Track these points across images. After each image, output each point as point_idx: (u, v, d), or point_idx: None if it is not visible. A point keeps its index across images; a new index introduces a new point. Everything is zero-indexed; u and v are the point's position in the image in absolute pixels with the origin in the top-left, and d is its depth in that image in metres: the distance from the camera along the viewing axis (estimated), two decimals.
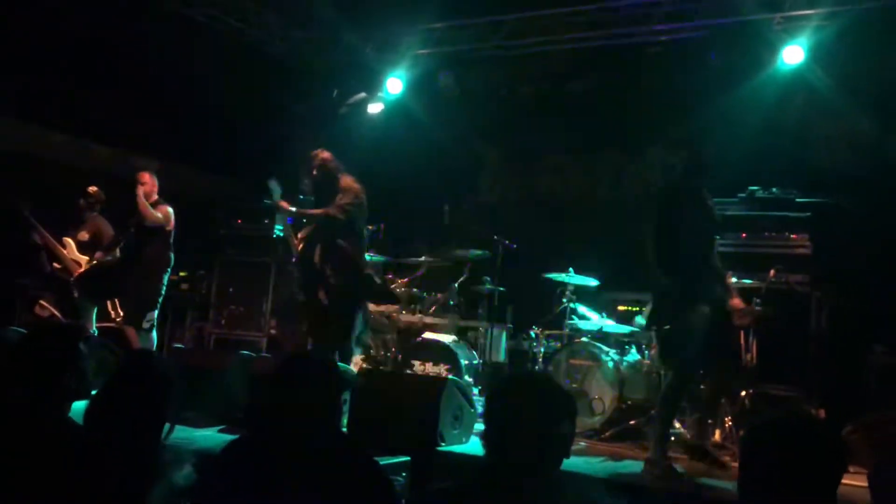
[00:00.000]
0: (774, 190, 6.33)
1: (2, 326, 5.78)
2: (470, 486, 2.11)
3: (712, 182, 4.90)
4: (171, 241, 6.39)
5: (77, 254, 6.36)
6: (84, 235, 6.43)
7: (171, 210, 6.38)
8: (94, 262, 6.30)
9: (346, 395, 4.74)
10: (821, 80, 7.05)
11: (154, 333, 6.34)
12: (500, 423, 2.07)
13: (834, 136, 7.34)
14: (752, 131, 6.99)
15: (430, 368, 6.27)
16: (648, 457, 4.38)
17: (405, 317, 6.79)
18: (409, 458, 4.23)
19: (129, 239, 6.33)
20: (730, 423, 5.07)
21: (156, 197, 6.39)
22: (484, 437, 2.13)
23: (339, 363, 5.41)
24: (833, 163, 7.23)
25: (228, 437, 4.42)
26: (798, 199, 6.25)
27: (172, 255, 6.40)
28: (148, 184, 6.33)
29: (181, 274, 7.86)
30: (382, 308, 6.87)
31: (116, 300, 6.32)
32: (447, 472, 4.26)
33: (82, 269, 6.29)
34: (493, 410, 2.12)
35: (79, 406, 2.60)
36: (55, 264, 6.34)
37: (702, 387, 5.41)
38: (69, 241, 6.39)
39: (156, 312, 6.30)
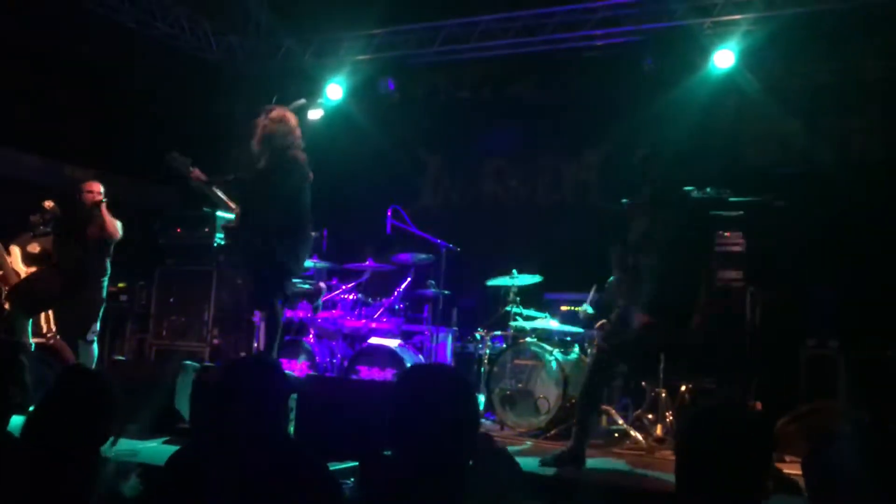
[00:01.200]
0: (708, 190, 6.50)
1: None
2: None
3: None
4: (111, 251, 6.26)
5: (20, 264, 6.12)
6: (35, 247, 6.17)
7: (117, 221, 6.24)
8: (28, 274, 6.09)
9: (293, 402, 4.72)
10: (751, 83, 7.30)
11: (95, 345, 6.19)
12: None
13: (764, 136, 7.60)
14: (685, 133, 7.17)
15: (376, 374, 6.27)
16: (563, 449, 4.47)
17: (351, 322, 6.78)
18: (356, 463, 4.23)
19: (64, 248, 6.14)
20: (671, 418, 5.20)
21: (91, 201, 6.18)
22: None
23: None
24: (764, 162, 7.48)
25: (173, 449, 4.37)
26: (731, 199, 6.43)
27: (109, 264, 6.27)
28: (101, 193, 6.14)
29: (120, 285, 7.71)
30: (327, 314, 6.85)
31: (51, 314, 6.12)
32: (395, 476, 4.28)
33: (15, 283, 6.08)
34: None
35: (16, 420, 2.55)
36: None
37: (643, 384, 5.57)
38: (14, 249, 6.15)
39: (98, 324, 6.16)
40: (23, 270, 6.11)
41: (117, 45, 8.11)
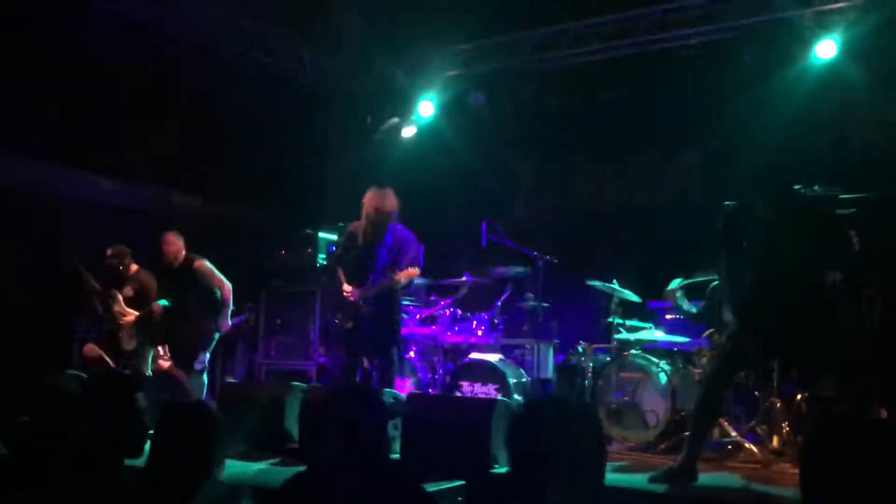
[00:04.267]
0: (816, 188, 6.22)
1: (58, 370, 5.95)
2: None
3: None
4: None
5: (125, 307, 6.48)
6: (129, 291, 6.55)
7: (203, 262, 6.45)
8: (149, 309, 6.42)
9: (398, 421, 4.76)
10: (856, 73, 6.94)
11: (205, 376, 6.44)
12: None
13: (872, 128, 7.21)
14: (788, 129, 6.89)
15: (478, 389, 6.26)
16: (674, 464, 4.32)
17: (451, 337, 6.80)
18: (463, 483, 4.22)
19: (178, 288, 6.40)
20: (787, 429, 4.97)
21: (183, 254, 6.45)
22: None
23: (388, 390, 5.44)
24: (872, 156, 7.10)
25: (283, 471, 4.47)
26: (841, 196, 6.13)
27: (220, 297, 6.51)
28: (175, 245, 6.42)
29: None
30: (427, 330, 6.90)
31: (167, 345, 6.45)
32: (502, 495, 4.25)
33: (139, 315, 6.42)
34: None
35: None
36: (104, 310, 6.48)
37: (756, 394, 5.36)
38: (116, 293, 6.52)
39: (207, 354, 6.40)
40: (130, 313, 6.45)
41: (216, 73, 8.41)
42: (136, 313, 6.45)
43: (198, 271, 6.37)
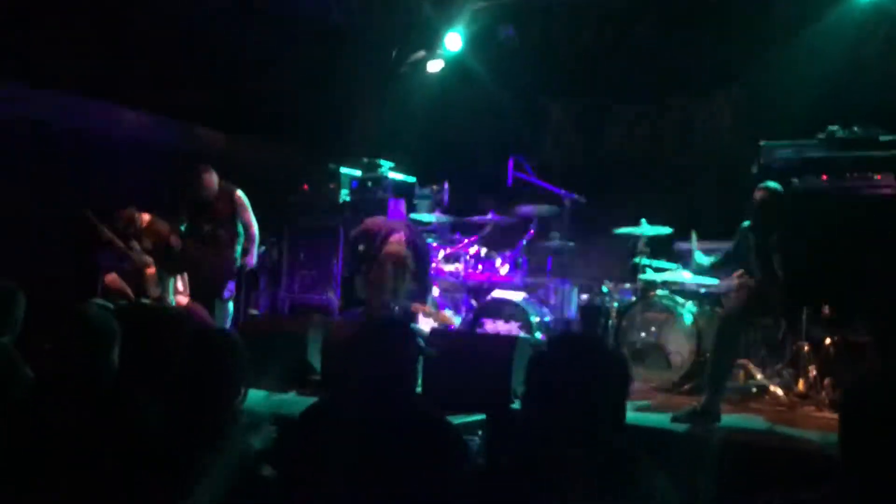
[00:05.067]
0: (856, 129, 6.02)
1: (85, 299, 6.00)
2: None
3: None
4: None
5: (144, 256, 6.48)
6: (148, 244, 6.53)
7: (241, 193, 6.45)
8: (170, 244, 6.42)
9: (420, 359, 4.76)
10: None
11: (231, 304, 6.48)
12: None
13: None
14: (829, 68, 6.66)
15: (501, 326, 6.23)
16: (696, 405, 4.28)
17: (474, 275, 6.76)
18: (484, 417, 4.23)
19: (210, 218, 6.40)
20: (814, 374, 4.90)
21: (216, 188, 6.42)
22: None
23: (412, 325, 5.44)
24: None
25: (305, 401, 4.50)
26: (882, 138, 5.93)
27: (241, 228, 6.51)
28: (213, 182, 6.39)
29: None
30: (451, 268, 6.86)
31: (185, 275, 6.47)
32: (522, 429, 4.25)
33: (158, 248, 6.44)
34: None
35: None
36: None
37: (780, 336, 5.29)
38: (135, 244, 6.51)
39: (233, 283, 6.44)
40: (149, 260, 6.44)
41: (241, 9, 8.28)
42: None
43: (237, 202, 6.40)
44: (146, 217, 6.50)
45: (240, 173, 6.87)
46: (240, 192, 6.42)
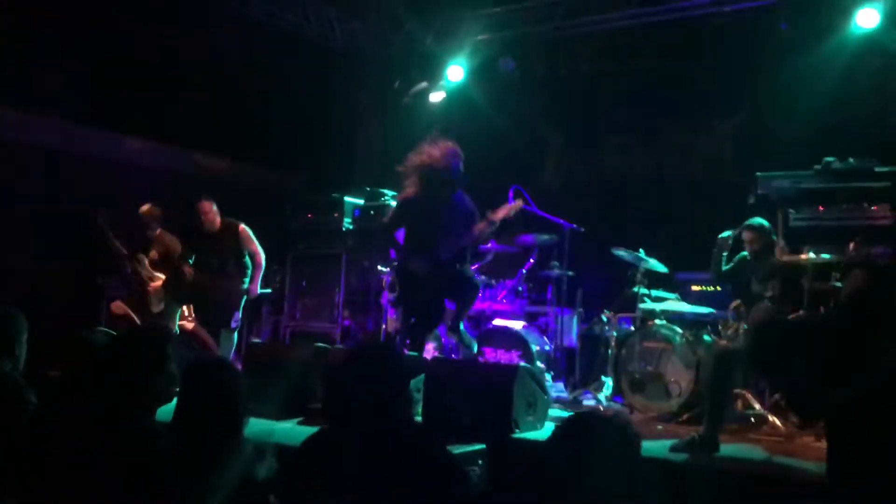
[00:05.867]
0: (851, 160, 6.10)
1: (88, 327, 6.04)
2: None
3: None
4: None
5: (151, 271, 6.56)
6: (154, 255, 6.63)
7: (245, 227, 6.55)
8: (182, 273, 6.49)
9: (420, 384, 4.79)
10: None
11: (235, 334, 6.58)
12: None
13: None
14: (824, 100, 6.75)
15: (501, 355, 6.27)
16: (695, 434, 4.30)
17: (476, 304, 6.79)
18: (484, 446, 4.25)
19: (216, 250, 6.49)
20: None
21: (219, 219, 6.51)
22: None
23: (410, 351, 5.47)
24: None
25: (307, 430, 4.52)
26: (877, 169, 6.00)
27: (249, 262, 6.61)
28: (212, 213, 6.47)
29: None
30: None
31: (195, 305, 6.55)
32: (523, 460, 4.27)
33: (169, 275, 6.51)
34: None
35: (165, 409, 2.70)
36: (132, 273, 6.57)
37: None
38: (143, 257, 6.60)
39: (240, 313, 6.53)
40: (157, 276, 6.53)
41: (245, 35, 8.41)
42: (163, 277, 6.53)
43: (241, 235, 6.49)
44: (160, 229, 6.60)
45: (244, 200, 6.96)
46: (243, 226, 6.52)
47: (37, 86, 7.05)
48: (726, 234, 5.42)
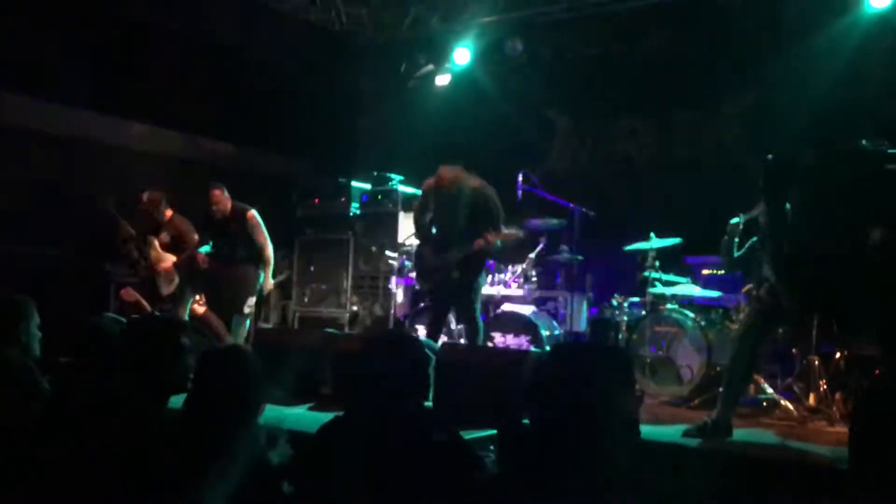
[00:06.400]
0: (863, 141, 6.03)
1: (96, 313, 6.04)
2: None
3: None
4: None
5: (161, 252, 6.54)
6: (165, 238, 6.60)
7: (254, 213, 6.49)
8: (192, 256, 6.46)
9: (432, 370, 4.77)
10: None
11: (248, 320, 6.55)
12: None
13: None
14: (834, 81, 6.67)
15: (510, 340, 6.25)
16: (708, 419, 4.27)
17: (485, 289, 6.77)
18: (495, 432, 4.23)
19: (227, 235, 6.46)
20: (825, 388, 4.91)
21: (230, 205, 6.47)
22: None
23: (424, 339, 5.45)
24: None
25: (318, 415, 4.52)
26: (889, 150, 5.94)
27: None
28: (222, 200, 6.42)
29: None
30: None
31: (208, 291, 6.53)
32: (534, 445, 4.25)
33: (181, 259, 6.49)
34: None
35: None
36: (140, 256, 6.55)
37: (794, 351, 5.29)
38: (153, 240, 6.58)
39: (254, 298, 6.51)
40: (167, 258, 6.51)
41: (249, 20, 8.35)
42: (174, 258, 6.51)
43: (249, 222, 6.41)
44: (169, 212, 6.57)
45: (251, 186, 6.92)
46: (253, 212, 6.43)
47: (40, 71, 7.01)
48: (736, 220, 5.37)
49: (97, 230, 6.95)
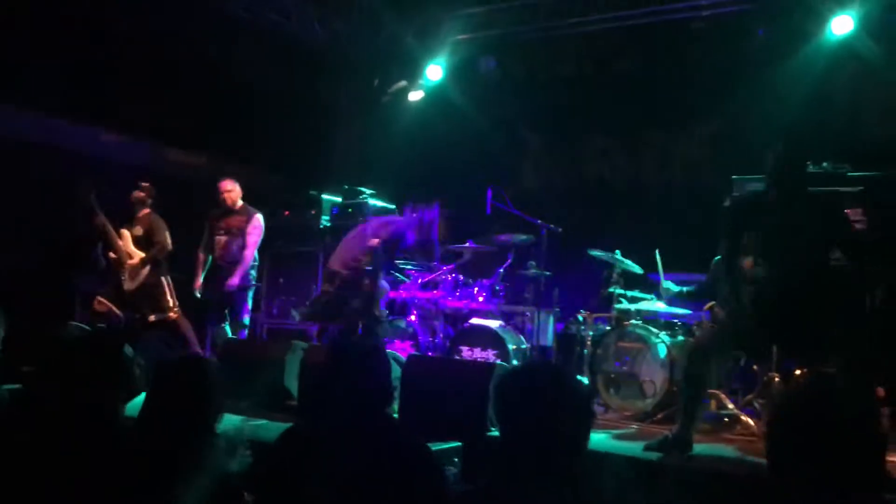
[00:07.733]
0: (825, 165, 6.19)
1: (61, 322, 5.99)
2: None
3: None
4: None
5: (132, 247, 6.53)
6: (138, 230, 6.59)
7: (261, 217, 6.78)
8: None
9: (397, 382, 4.79)
10: (871, 49, 6.86)
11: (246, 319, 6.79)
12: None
13: (887, 106, 7.14)
14: (800, 105, 6.83)
15: (478, 354, 6.28)
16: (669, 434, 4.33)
17: (452, 302, 6.81)
18: (460, 444, 4.26)
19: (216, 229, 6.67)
20: None
21: (241, 201, 6.72)
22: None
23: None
24: (887, 134, 7.04)
25: (282, 426, 4.51)
26: (850, 174, 6.09)
27: (257, 253, 6.87)
28: (234, 191, 6.74)
29: None
30: (429, 295, 6.91)
31: (172, 288, 6.56)
32: (499, 457, 4.28)
33: (149, 256, 6.49)
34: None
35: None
36: (110, 254, 6.52)
37: (754, 368, 5.37)
38: (125, 233, 6.57)
39: (249, 304, 6.77)
40: (136, 254, 6.49)
41: (225, 33, 8.35)
42: (142, 255, 6.49)
43: (252, 221, 6.68)
44: (147, 209, 6.59)
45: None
46: (259, 216, 6.73)
47: (13, 78, 6.96)
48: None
49: (64, 238, 6.90)
